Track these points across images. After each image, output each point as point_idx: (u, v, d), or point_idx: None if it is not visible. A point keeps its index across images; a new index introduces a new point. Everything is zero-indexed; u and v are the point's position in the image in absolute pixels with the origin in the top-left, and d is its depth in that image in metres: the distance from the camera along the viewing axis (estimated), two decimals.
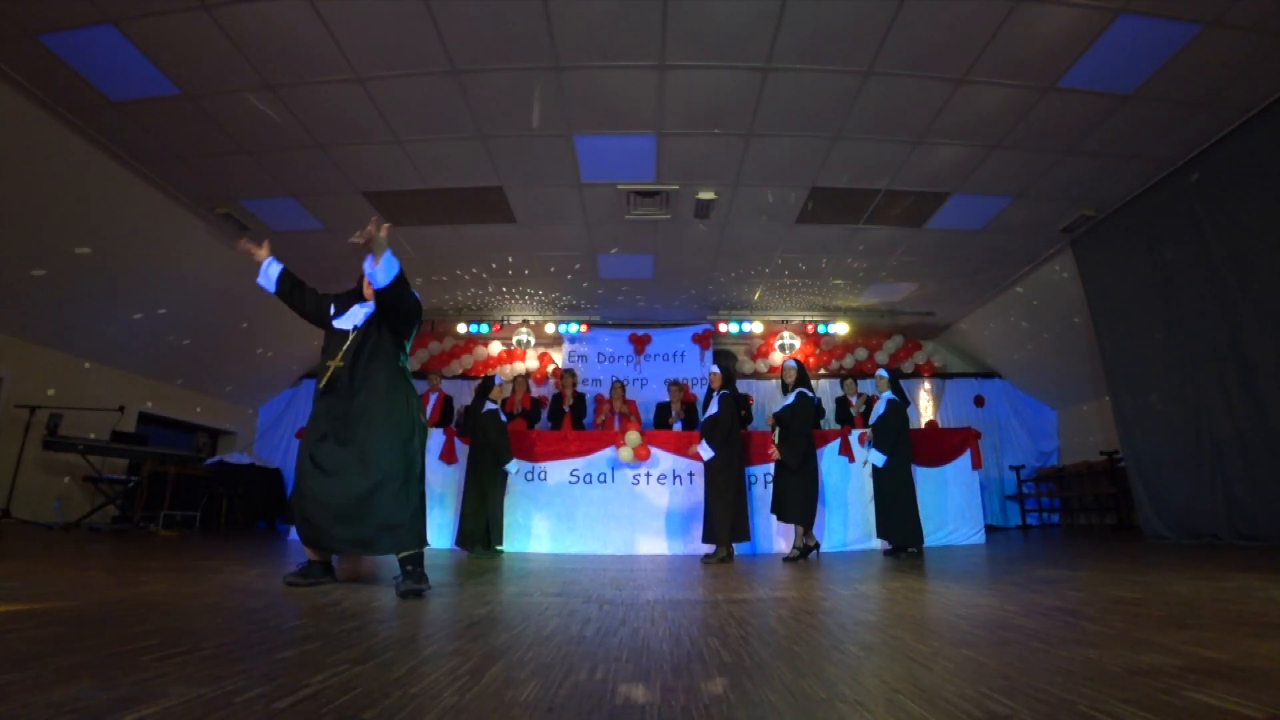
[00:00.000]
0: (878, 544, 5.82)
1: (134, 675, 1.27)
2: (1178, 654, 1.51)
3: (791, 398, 5.15)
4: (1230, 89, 4.77)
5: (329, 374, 2.83)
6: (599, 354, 10.21)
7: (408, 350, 3.06)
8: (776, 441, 5.16)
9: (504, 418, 5.64)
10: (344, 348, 2.86)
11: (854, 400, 7.32)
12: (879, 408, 5.52)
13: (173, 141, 5.45)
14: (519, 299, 9.28)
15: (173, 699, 1.13)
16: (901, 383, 5.94)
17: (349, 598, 2.50)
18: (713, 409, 5.16)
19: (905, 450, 5.36)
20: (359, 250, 2.76)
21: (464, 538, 5.35)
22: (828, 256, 7.83)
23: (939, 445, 6.36)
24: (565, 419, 7.29)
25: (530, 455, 6.10)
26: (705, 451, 5.07)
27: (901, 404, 5.47)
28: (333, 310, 3.00)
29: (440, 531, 5.94)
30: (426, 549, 2.71)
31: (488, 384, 5.69)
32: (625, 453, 5.97)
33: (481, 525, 5.35)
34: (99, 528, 6.70)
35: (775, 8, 4.07)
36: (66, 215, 5.78)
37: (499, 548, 5.46)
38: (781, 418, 5.16)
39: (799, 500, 4.93)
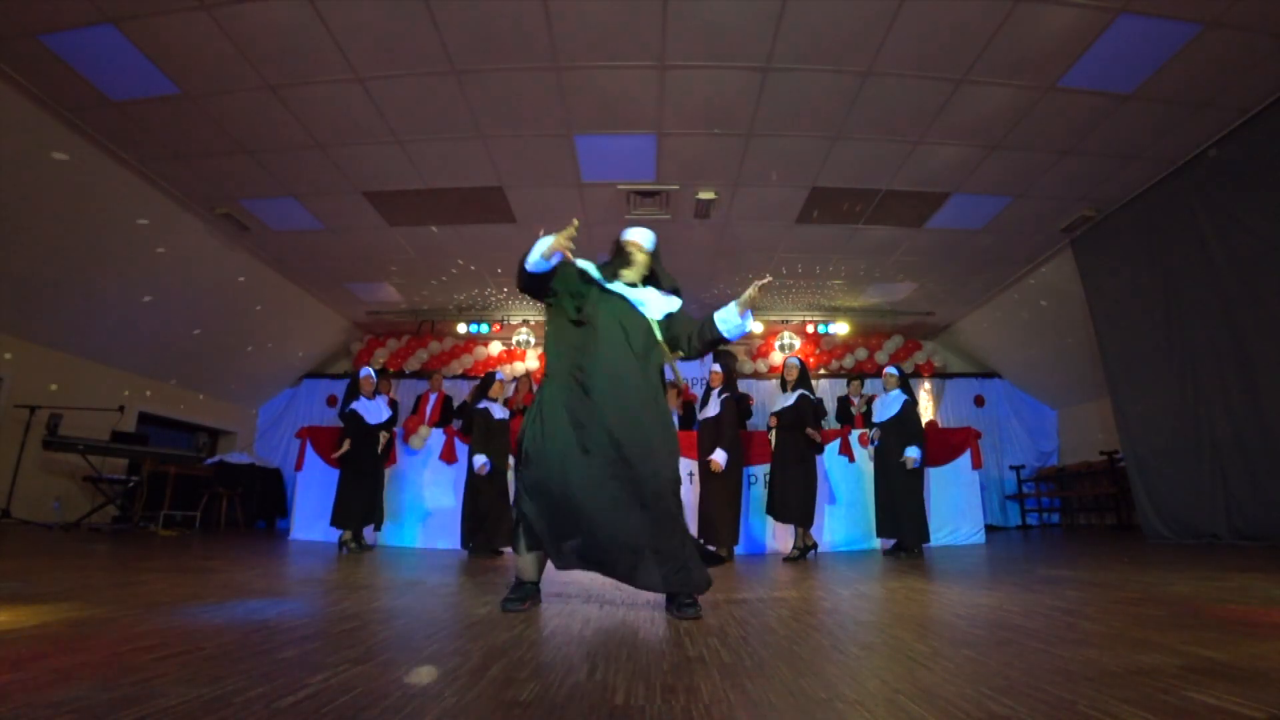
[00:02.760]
0: (878, 544, 5.81)
1: (134, 675, 1.27)
2: (1178, 654, 1.51)
3: (792, 398, 5.13)
4: (1230, 89, 4.77)
5: None
6: None
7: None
8: (774, 445, 5.15)
9: (498, 415, 5.57)
10: None
11: (856, 400, 7.30)
12: (893, 407, 5.38)
13: (173, 141, 5.45)
14: (519, 299, 9.28)
15: (173, 699, 1.13)
16: (909, 381, 5.89)
17: (349, 597, 2.50)
18: (712, 409, 5.12)
19: (924, 448, 5.28)
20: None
21: (463, 536, 5.35)
22: (828, 256, 7.83)
23: (939, 445, 6.35)
24: None
25: None
26: (720, 457, 4.86)
27: (914, 401, 5.41)
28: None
29: (444, 532, 5.96)
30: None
31: (487, 382, 5.66)
32: None
33: (478, 524, 5.32)
34: (99, 528, 6.70)
35: (775, 8, 4.07)
36: (66, 215, 5.78)
37: (500, 549, 5.41)
38: (782, 417, 5.15)
39: (798, 500, 4.92)
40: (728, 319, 2.39)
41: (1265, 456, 5.03)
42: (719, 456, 4.89)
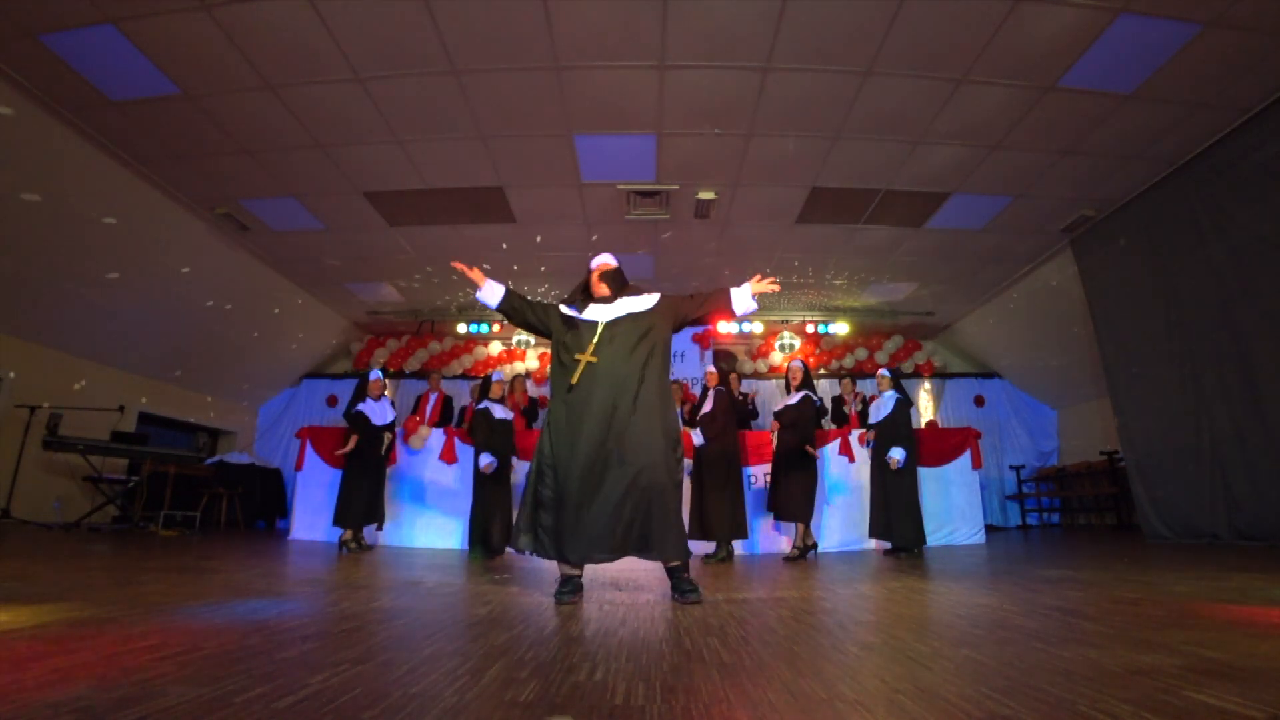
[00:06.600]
0: (873, 543, 5.80)
1: (134, 675, 1.27)
2: (1178, 654, 1.51)
3: (796, 398, 5.16)
4: (1230, 89, 4.77)
5: None
6: None
7: None
8: (775, 444, 5.15)
9: (499, 415, 5.56)
10: None
11: (850, 399, 7.29)
12: (885, 407, 5.42)
13: (173, 141, 5.45)
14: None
15: (173, 699, 1.13)
16: (901, 382, 5.91)
17: (349, 597, 2.50)
18: (708, 406, 5.17)
19: (913, 449, 5.33)
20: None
21: (470, 537, 5.35)
22: (828, 256, 7.83)
23: (939, 445, 6.35)
24: None
25: (530, 455, 6.07)
26: (697, 438, 5.11)
27: (907, 402, 5.44)
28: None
29: (444, 532, 5.96)
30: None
31: (486, 384, 5.68)
32: None
33: (483, 525, 5.31)
34: (99, 528, 6.70)
35: (775, 8, 4.07)
36: (66, 215, 5.78)
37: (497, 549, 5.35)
38: (782, 417, 5.16)
39: (798, 498, 4.92)
40: (741, 297, 2.83)
41: (1265, 456, 5.03)
42: (695, 436, 5.13)
